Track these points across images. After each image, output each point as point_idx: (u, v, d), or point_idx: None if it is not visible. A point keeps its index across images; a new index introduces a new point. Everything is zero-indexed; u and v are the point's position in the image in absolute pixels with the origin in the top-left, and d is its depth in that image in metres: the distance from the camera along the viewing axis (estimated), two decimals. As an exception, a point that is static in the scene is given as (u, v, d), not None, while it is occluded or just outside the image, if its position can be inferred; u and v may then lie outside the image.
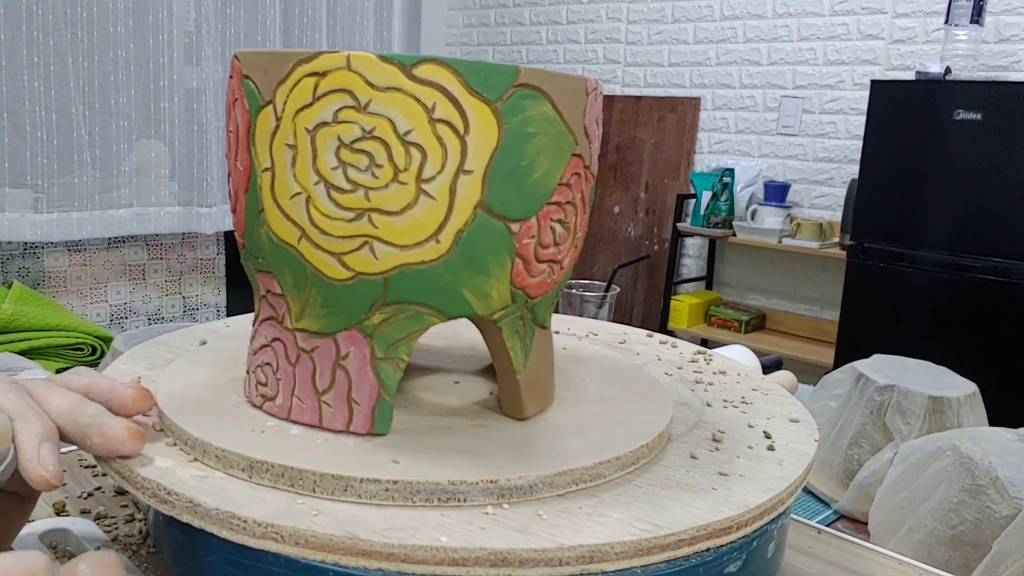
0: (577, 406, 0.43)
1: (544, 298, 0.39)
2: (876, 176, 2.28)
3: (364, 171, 0.33)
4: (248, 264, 0.39)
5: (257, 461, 0.33)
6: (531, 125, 0.35)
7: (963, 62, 2.26)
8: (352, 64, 0.33)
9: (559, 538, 0.30)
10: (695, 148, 3.10)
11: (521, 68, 0.34)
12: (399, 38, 3.04)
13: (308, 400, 0.37)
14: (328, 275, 0.35)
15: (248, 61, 0.35)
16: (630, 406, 0.43)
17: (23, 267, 2.22)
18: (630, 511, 0.33)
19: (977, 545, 0.58)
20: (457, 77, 0.33)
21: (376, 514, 0.31)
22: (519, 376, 0.39)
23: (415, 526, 0.30)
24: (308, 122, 0.33)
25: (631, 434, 0.39)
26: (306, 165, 0.34)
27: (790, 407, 0.49)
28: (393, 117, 0.33)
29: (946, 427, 0.72)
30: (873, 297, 2.31)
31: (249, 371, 0.40)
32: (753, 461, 0.40)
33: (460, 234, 0.34)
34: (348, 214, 0.34)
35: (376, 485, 0.32)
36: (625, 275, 3.17)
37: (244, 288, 2.68)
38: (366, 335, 0.36)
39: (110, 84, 2.23)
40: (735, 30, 2.96)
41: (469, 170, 0.34)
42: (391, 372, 0.36)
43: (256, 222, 0.36)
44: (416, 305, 0.35)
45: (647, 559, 0.31)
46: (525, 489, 0.33)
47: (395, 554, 0.29)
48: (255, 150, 0.35)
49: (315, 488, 0.32)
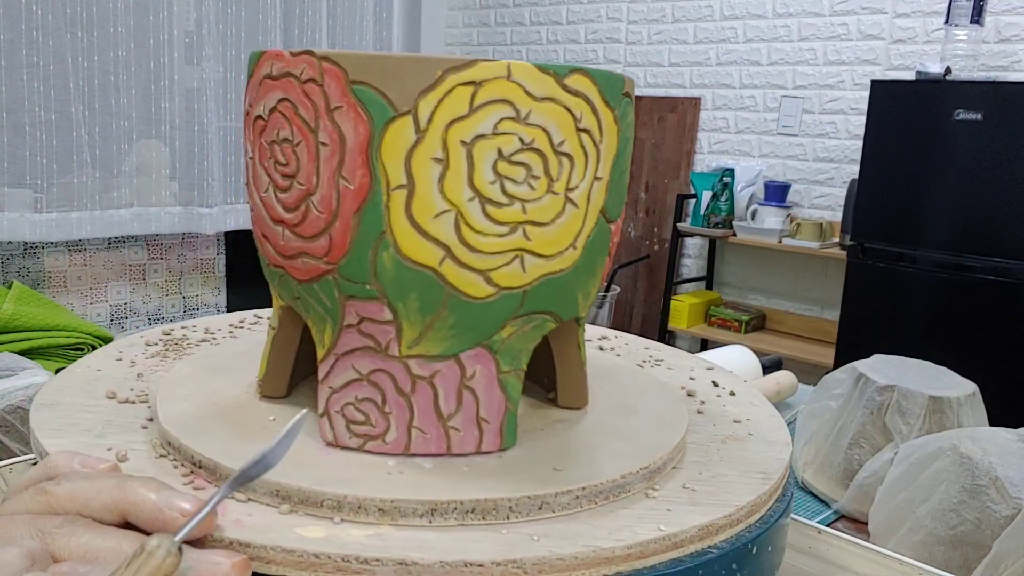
0: (604, 390, 0.45)
1: None
2: (876, 176, 2.28)
3: (521, 183, 0.33)
4: (331, 293, 0.35)
5: (441, 502, 0.31)
6: (629, 131, 0.37)
7: (963, 62, 2.26)
8: (513, 74, 0.32)
9: (730, 502, 0.34)
10: (695, 148, 3.10)
11: (625, 77, 0.36)
12: (399, 38, 3.04)
13: (432, 429, 0.35)
14: (470, 294, 0.33)
15: (363, 65, 0.32)
16: (647, 397, 0.45)
17: (23, 267, 2.22)
18: (735, 468, 0.38)
19: (977, 545, 0.58)
20: (596, 87, 0.34)
21: (585, 524, 0.32)
22: (585, 367, 0.42)
23: (625, 524, 0.32)
24: (464, 134, 0.32)
25: (666, 405, 0.43)
26: (459, 180, 0.32)
27: (692, 360, 0.55)
28: (549, 128, 0.33)
29: (946, 427, 0.72)
30: (873, 297, 2.31)
31: (331, 412, 0.36)
32: (738, 406, 0.46)
33: (588, 239, 0.36)
34: (503, 228, 0.33)
35: (567, 496, 0.33)
36: (625, 275, 3.17)
37: (243, 288, 2.68)
38: (492, 351, 0.35)
39: (110, 84, 2.23)
40: (735, 30, 2.96)
41: (600, 177, 0.35)
42: (515, 384, 0.36)
43: (373, 245, 0.33)
44: (544, 314, 0.36)
45: (753, 518, 0.35)
46: (662, 469, 0.36)
47: (632, 554, 0.30)
48: (381, 166, 0.32)
49: (509, 515, 0.32)
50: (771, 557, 0.37)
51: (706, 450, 0.40)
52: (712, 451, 0.40)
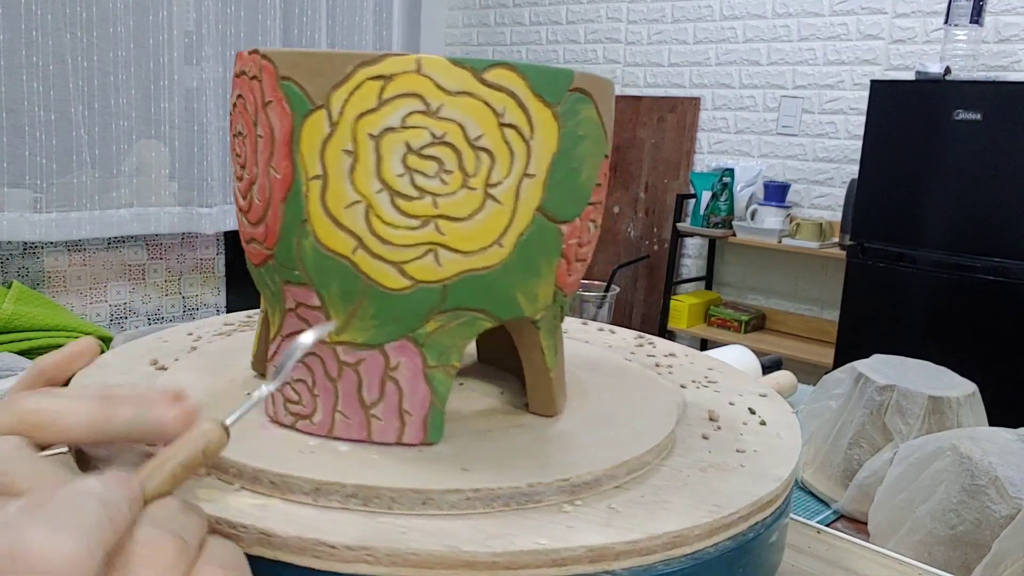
0: (586, 400, 0.43)
1: (571, 295, 0.41)
2: (876, 176, 2.28)
3: (432, 177, 0.32)
4: (273, 277, 0.37)
5: (325, 483, 0.31)
6: (581, 128, 0.35)
7: (963, 62, 2.26)
8: (423, 68, 0.32)
9: (645, 528, 0.31)
10: (695, 148, 3.10)
11: (575, 72, 0.35)
12: (399, 38, 3.04)
13: (354, 415, 0.36)
14: (385, 285, 0.34)
15: (292, 62, 0.33)
16: (636, 397, 0.44)
17: (23, 267, 2.22)
18: (687, 495, 0.35)
19: (977, 545, 0.58)
20: (525, 81, 0.33)
21: (464, 524, 0.31)
22: (552, 374, 0.40)
23: (508, 532, 0.30)
24: (372, 127, 0.32)
25: (656, 421, 0.40)
26: (368, 172, 0.32)
27: (751, 384, 0.51)
28: (464, 122, 0.32)
29: (946, 427, 0.72)
30: (873, 297, 2.31)
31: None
32: (756, 436, 0.42)
33: (520, 237, 0.35)
34: (414, 222, 0.33)
35: (457, 495, 0.31)
36: (625, 275, 3.17)
37: (243, 288, 2.68)
38: (418, 344, 0.35)
39: (110, 84, 2.23)
40: (735, 30, 2.96)
41: (532, 174, 0.34)
42: (443, 379, 0.36)
43: (296, 233, 0.34)
44: (472, 311, 0.35)
45: (717, 538, 0.33)
46: (593, 484, 0.34)
47: (499, 562, 0.29)
48: (300, 157, 0.33)
49: (392, 505, 0.31)
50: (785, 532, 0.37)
51: (675, 475, 0.37)
52: (681, 477, 0.36)
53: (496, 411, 0.41)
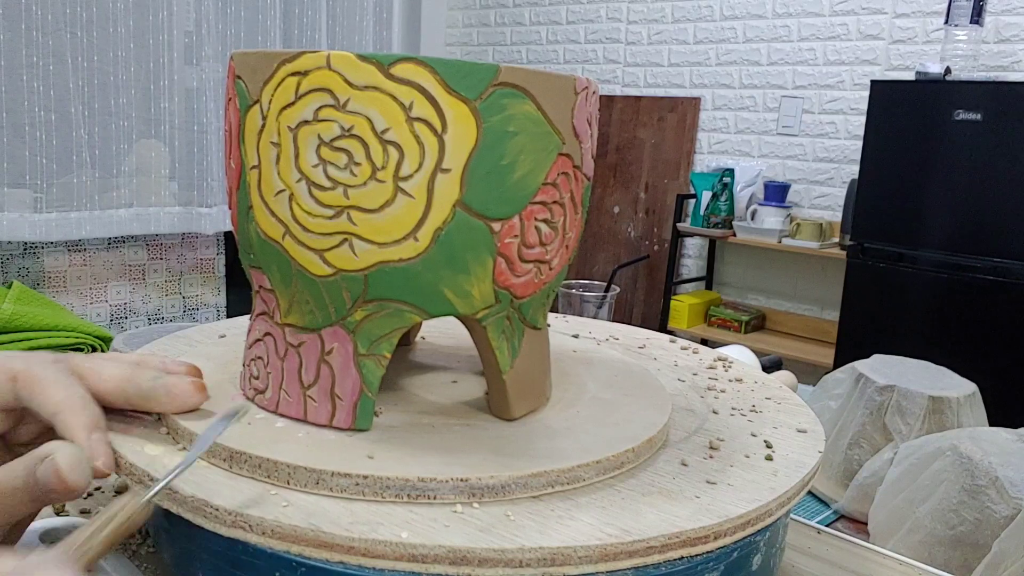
0: (572, 408, 0.42)
1: (533, 298, 0.39)
2: (876, 176, 2.28)
3: (343, 169, 0.33)
4: (243, 260, 0.40)
5: (237, 452, 0.34)
6: (512, 124, 0.35)
7: (963, 62, 2.26)
8: (332, 63, 0.33)
9: (521, 539, 0.30)
10: (695, 148, 3.10)
11: (502, 67, 0.34)
12: (399, 38, 3.04)
13: (294, 394, 0.37)
14: (312, 271, 0.35)
15: (240, 61, 0.36)
16: (627, 410, 0.42)
17: (23, 267, 2.21)
18: (602, 515, 0.32)
19: (977, 545, 0.58)
20: (435, 76, 0.33)
21: (344, 508, 0.32)
22: (505, 376, 0.39)
23: (379, 521, 0.31)
24: (291, 120, 0.34)
25: (620, 438, 0.38)
26: (289, 163, 0.34)
27: (801, 417, 0.47)
28: (371, 115, 0.33)
29: (946, 427, 0.72)
30: (873, 297, 2.31)
31: (244, 364, 0.41)
32: (746, 470, 0.38)
33: (439, 232, 0.34)
34: (328, 211, 0.34)
35: (347, 479, 0.32)
36: (625, 275, 3.17)
37: (244, 288, 2.68)
38: (349, 331, 0.36)
39: (110, 84, 2.22)
40: (735, 30, 2.96)
41: (447, 168, 0.34)
42: (373, 368, 0.36)
43: (246, 219, 0.37)
44: (396, 303, 0.35)
45: (613, 565, 0.30)
46: (497, 489, 0.33)
47: (356, 548, 0.29)
48: (244, 148, 0.36)
49: (289, 480, 0.33)
50: (756, 570, 0.36)
51: (604, 496, 0.34)
52: (607, 499, 0.34)
53: (457, 409, 0.41)
